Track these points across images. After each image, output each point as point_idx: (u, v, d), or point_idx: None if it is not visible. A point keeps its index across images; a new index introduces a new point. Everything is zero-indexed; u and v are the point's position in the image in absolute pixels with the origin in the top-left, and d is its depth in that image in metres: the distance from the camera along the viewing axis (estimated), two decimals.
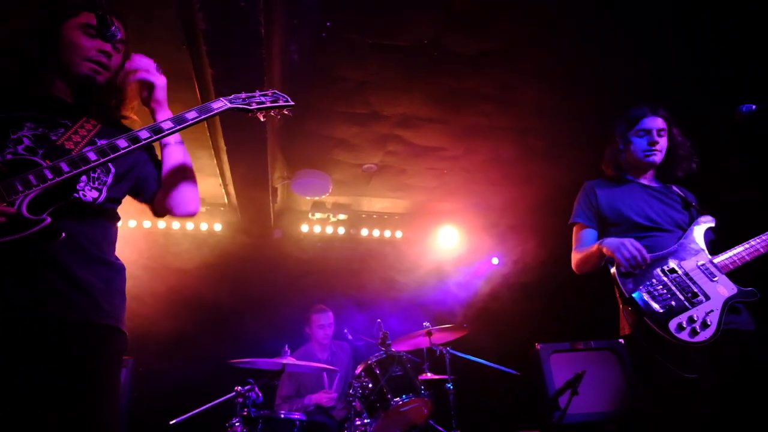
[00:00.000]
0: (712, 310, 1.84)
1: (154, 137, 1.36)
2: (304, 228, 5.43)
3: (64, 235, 1.19)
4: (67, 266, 1.26)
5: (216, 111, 1.47)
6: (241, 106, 1.53)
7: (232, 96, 1.55)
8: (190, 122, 1.42)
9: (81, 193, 1.34)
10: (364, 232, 5.58)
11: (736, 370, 1.85)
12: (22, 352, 1.17)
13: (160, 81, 1.54)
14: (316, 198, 5.11)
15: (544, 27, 2.97)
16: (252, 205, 4.73)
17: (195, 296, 4.61)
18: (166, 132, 1.39)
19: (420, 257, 5.69)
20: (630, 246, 1.95)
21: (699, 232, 2.11)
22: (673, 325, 1.80)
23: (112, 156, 1.27)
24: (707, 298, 1.88)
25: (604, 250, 2.04)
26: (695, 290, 1.90)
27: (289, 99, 1.62)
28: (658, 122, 2.24)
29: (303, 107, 3.66)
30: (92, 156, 1.24)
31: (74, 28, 1.41)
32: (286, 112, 1.61)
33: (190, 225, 5.02)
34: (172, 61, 2.77)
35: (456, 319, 5.19)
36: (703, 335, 1.78)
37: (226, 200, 4.89)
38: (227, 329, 4.76)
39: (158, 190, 1.57)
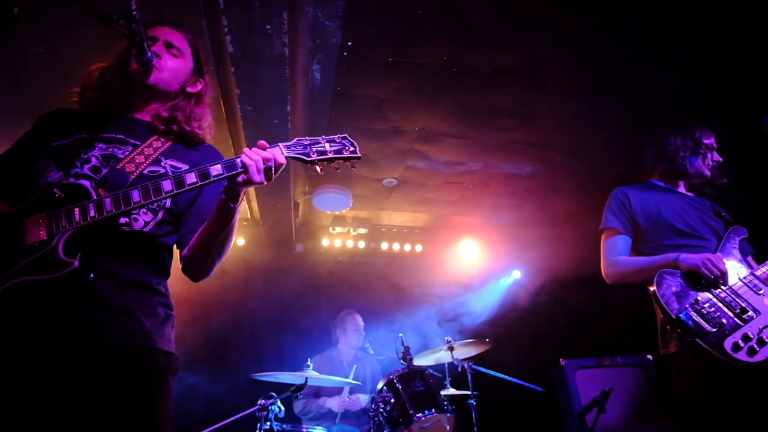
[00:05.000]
0: (766, 326, 1.74)
1: (176, 191, 1.27)
2: (325, 242, 5.48)
3: (93, 275, 1.19)
4: (101, 292, 1.25)
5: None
6: (296, 155, 1.37)
7: (294, 141, 1.39)
8: (223, 176, 1.29)
9: (133, 216, 1.35)
10: (384, 246, 5.61)
11: None
12: (54, 378, 1.16)
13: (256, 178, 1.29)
14: (337, 212, 5.16)
15: (564, 43, 2.98)
16: (274, 220, 4.81)
17: (217, 310, 4.69)
18: (190, 186, 1.27)
19: (441, 271, 5.67)
20: (716, 261, 1.89)
21: (734, 243, 2.06)
22: (728, 344, 1.69)
23: (153, 199, 1.25)
24: (758, 312, 1.79)
25: (682, 264, 1.93)
26: (743, 305, 1.81)
27: (357, 149, 1.42)
28: (714, 141, 2.31)
29: (324, 124, 3.74)
30: (135, 197, 1.23)
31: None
32: (350, 165, 1.42)
33: None
34: None
35: (478, 334, 5.13)
36: (763, 353, 1.67)
37: (249, 215, 5.00)
38: (250, 343, 4.81)
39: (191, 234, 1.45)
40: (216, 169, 1.29)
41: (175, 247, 1.51)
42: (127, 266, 1.32)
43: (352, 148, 1.42)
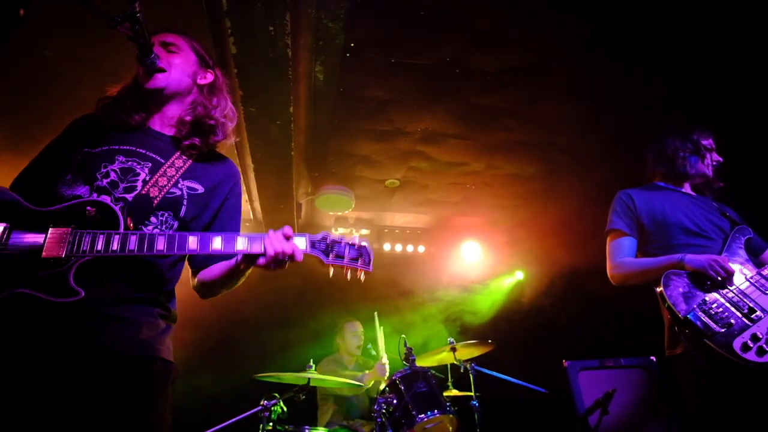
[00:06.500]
0: None
1: (199, 252, 1.33)
2: None
3: (83, 294, 1.18)
4: (99, 306, 1.25)
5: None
6: (316, 254, 1.46)
7: (320, 236, 1.47)
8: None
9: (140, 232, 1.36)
10: (387, 246, 5.61)
11: None
12: (49, 384, 1.16)
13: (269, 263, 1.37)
14: (340, 213, 5.17)
15: (566, 44, 2.98)
16: (277, 221, 4.82)
17: (219, 310, 4.68)
18: (213, 252, 1.34)
19: (443, 272, 5.67)
20: (722, 262, 1.89)
21: (740, 243, 2.06)
22: (737, 345, 1.69)
23: (176, 252, 1.28)
24: (766, 312, 1.79)
25: (688, 265, 1.93)
26: (751, 305, 1.81)
27: (371, 262, 1.48)
28: (713, 142, 2.35)
29: (327, 125, 3.75)
30: (159, 245, 1.26)
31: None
32: (359, 276, 1.48)
33: None
34: None
35: (480, 335, 5.12)
36: None
37: (252, 216, 5.00)
38: (252, 343, 4.82)
39: (203, 263, 1.52)
40: (242, 243, 1.36)
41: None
42: (128, 281, 1.33)
43: (367, 259, 1.48)
